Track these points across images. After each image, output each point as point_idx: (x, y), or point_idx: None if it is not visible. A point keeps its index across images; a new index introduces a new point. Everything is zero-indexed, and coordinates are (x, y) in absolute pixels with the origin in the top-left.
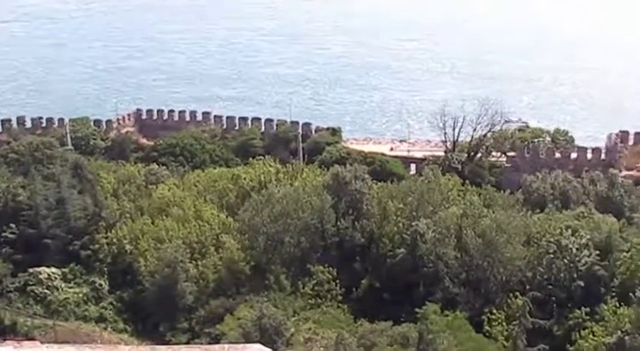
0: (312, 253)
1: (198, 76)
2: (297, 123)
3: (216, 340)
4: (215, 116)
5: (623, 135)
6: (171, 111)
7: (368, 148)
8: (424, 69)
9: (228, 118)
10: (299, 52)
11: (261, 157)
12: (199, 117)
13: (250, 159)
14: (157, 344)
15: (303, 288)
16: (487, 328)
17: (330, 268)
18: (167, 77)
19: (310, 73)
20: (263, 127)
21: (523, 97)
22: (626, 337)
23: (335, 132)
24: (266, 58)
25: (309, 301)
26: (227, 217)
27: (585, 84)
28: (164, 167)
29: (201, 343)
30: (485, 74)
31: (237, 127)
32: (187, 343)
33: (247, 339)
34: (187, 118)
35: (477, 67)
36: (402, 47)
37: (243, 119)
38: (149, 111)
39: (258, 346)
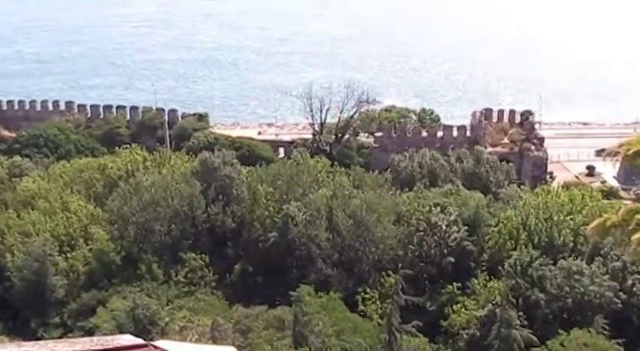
0: (184, 241)
1: (62, 64)
2: (164, 110)
3: (89, 333)
4: (79, 105)
5: (487, 112)
6: (32, 101)
7: (236, 132)
8: (293, 52)
9: (92, 106)
10: (167, 39)
11: (128, 146)
12: (63, 107)
13: (116, 148)
14: (28, 341)
15: (176, 276)
16: (361, 307)
17: (202, 255)
18: (29, 66)
19: (177, 59)
20: (128, 115)
21: (391, 79)
22: (497, 309)
23: (202, 118)
24: (133, 44)
25: (183, 289)
26: (95, 207)
27: (452, 69)
28: (28, 159)
29: (74, 338)
30: (353, 57)
31: (102, 116)
32: (60, 337)
33: (121, 330)
34: (50, 108)
35: (344, 50)
36: (271, 31)
37: (108, 108)
38: (9, 102)
39: (129, 336)
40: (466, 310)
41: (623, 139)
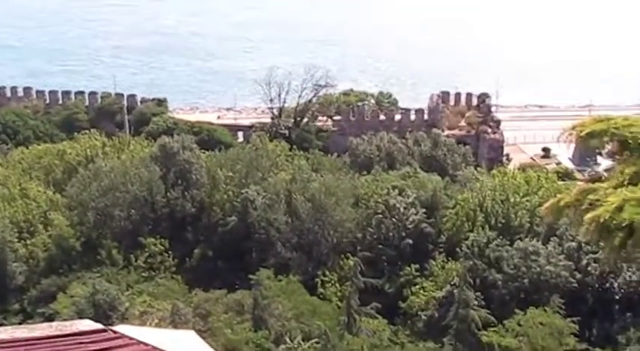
0: (143, 226)
1: (20, 50)
2: (122, 95)
3: (49, 319)
4: (37, 91)
5: (444, 95)
6: None
7: (195, 117)
8: (252, 36)
9: (50, 92)
10: (127, 25)
11: (87, 131)
12: (20, 93)
13: (75, 133)
14: None
15: (136, 261)
16: (321, 290)
17: (162, 240)
18: None
19: (136, 44)
20: (87, 101)
21: (349, 63)
22: (455, 290)
23: (161, 102)
24: (92, 30)
25: (143, 273)
26: (54, 193)
27: (410, 53)
28: None
29: (33, 324)
30: (313, 41)
31: (60, 102)
32: (20, 324)
33: (81, 316)
34: (8, 94)
35: (304, 34)
36: (231, 15)
37: (67, 93)
38: None
39: (88, 321)
40: (424, 291)
41: (577, 121)
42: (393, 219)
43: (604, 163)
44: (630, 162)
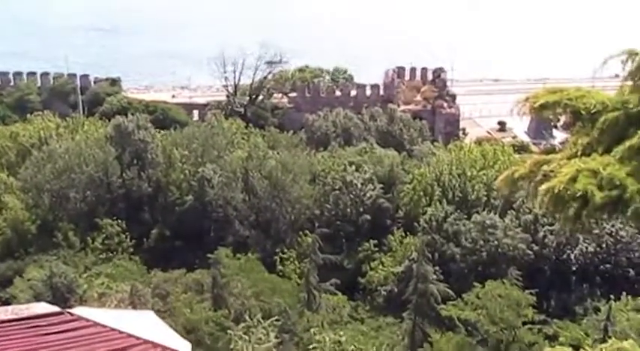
0: (99, 207)
1: None
2: (75, 75)
3: (6, 303)
4: None
5: (400, 71)
6: None
7: (149, 96)
8: (205, 13)
9: (1, 73)
10: (79, 3)
11: (40, 113)
12: None
13: (28, 115)
14: None
15: (93, 243)
16: (280, 267)
17: (119, 221)
18: None
19: (89, 23)
20: (39, 82)
21: (304, 39)
22: (414, 265)
23: (114, 82)
24: (43, 10)
25: (100, 255)
26: (8, 176)
27: (366, 28)
28: None
29: None
30: (265, 18)
31: (12, 83)
32: None
33: (39, 300)
34: None
35: (256, 11)
36: None
37: (18, 74)
38: None
39: (44, 304)
40: (383, 266)
41: (531, 93)
42: (351, 195)
43: (559, 135)
44: (583, 133)
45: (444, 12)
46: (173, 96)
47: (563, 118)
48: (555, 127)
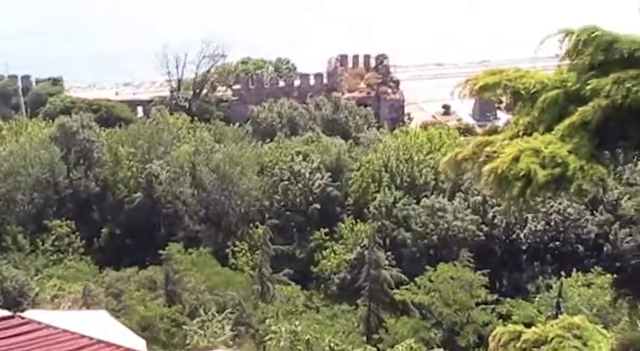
0: (48, 208)
1: None
2: (16, 76)
3: None
4: None
5: (343, 58)
6: None
7: (92, 94)
8: (146, 9)
9: None
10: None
11: None
12: None
13: None
14: None
15: (43, 245)
16: (232, 260)
17: (68, 221)
18: None
19: (26, 22)
20: None
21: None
22: (365, 252)
23: (56, 82)
24: None
25: (51, 257)
26: None
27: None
28: None
29: None
30: (205, 11)
31: None
32: None
33: None
34: None
35: (196, 4)
36: None
37: None
38: None
39: None
40: (335, 254)
41: (471, 76)
42: (299, 185)
43: (504, 116)
44: (524, 112)
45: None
46: (116, 93)
47: (504, 99)
48: (499, 108)
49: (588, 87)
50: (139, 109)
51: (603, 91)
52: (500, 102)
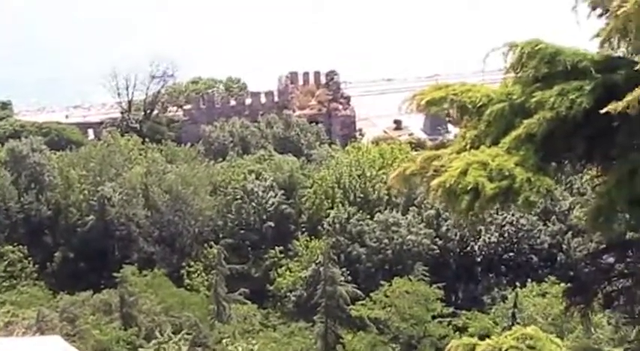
0: None
1: None
2: None
3: None
4: None
5: (293, 76)
6: None
7: (42, 118)
8: (91, 31)
9: None
10: None
11: None
12: None
13: None
14: None
15: None
16: (187, 281)
17: (21, 246)
18: None
19: None
20: None
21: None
22: (321, 268)
23: (5, 106)
24: None
25: (4, 283)
26: None
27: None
28: None
29: None
30: (153, 32)
31: None
32: None
33: None
34: None
35: (143, 25)
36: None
37: None
38: None
39: None
40: (291, 272)
41: (418, 91)
42: (253, 203)
43: (455, 130)
44: (471, 126)
45: (331, 17)
46: (67, 116)
47: (452, 113)
48: (450, 122)
49: (533, 99)
50: (90, 131)
51: (548, 103)
52: (448, 116)
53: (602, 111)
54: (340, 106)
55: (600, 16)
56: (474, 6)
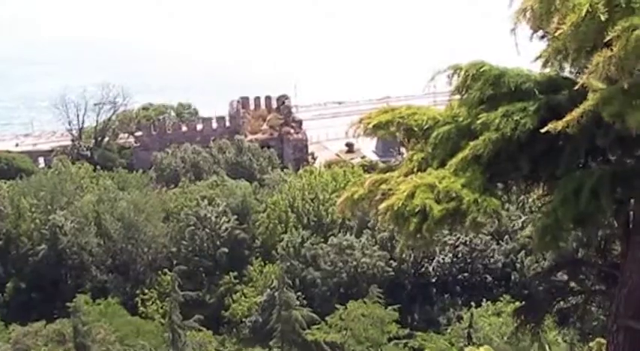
0: None
1: None
2: None
3: None
4: None
5: (244, 101)
6: None
7: None
8: (43, 58)
9: None
10: None
11: None
12: None
13: None
14: None
15: None
16: (142, 309)
17: None
18: None
19: None
20: None
21: (144, 77)
22: (275, 293)
23: None
24: None
25: None
26: None
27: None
28: None
29: None
30: (102, 59)
31: None
32: None
33: None
34: None
35: (92, 53)
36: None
37: None
38: None
39: None
40: (246, 297)
41: (364, 114)
42: (206, 229)
43: (407, 153)
44: (418, 149)
45: (279, 41)
46: (17, 144)
47: (399, 136)
48: (402, 144)
49: (479, 121)
50: (41, 159)
51: (493, 124)
52: (395, 138)
53: (543, 130)
54: (292, 130)
55: (542, 37)
56: (425, 27)
